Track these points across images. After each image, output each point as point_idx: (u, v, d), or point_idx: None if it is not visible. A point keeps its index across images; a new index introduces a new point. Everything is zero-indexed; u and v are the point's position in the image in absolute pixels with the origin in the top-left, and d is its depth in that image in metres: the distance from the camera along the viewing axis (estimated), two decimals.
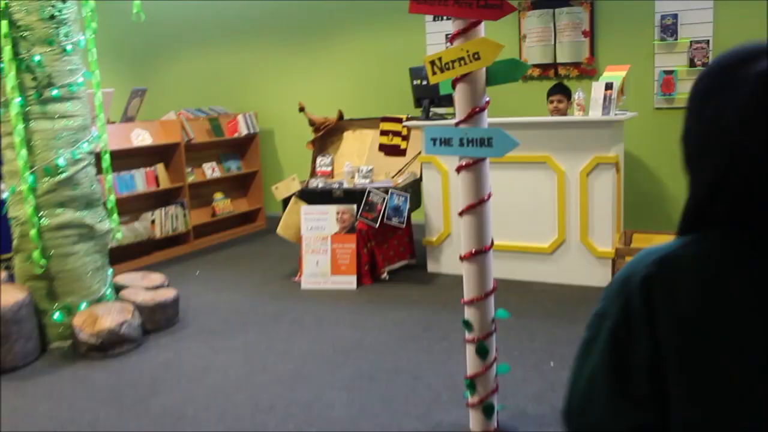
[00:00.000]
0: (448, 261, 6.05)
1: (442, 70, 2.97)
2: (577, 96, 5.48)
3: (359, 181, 6.32)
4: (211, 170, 8.29)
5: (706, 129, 1.03)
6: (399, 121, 6.54)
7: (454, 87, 2.98)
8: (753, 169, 0.96)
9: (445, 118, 6.04)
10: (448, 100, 5.83)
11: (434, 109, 6.26)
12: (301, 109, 6.92)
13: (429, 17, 7.65)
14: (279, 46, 8.84)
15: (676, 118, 6.74)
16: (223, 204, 8.39)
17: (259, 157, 8.88)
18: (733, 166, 0.98)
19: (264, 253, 7.39)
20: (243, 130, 8.56)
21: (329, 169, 6.81)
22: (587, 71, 7.00)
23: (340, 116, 6.85)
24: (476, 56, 2.86)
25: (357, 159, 6.77)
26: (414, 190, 6.14)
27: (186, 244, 7.71)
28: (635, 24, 6.79)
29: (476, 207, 3.01)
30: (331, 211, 5.97)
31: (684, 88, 6.65)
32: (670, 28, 6.58)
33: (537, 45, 7.22)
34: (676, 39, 6.58)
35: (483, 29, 2.92)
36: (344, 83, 8.49)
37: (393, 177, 6.46)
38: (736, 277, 0.99)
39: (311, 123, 6.88)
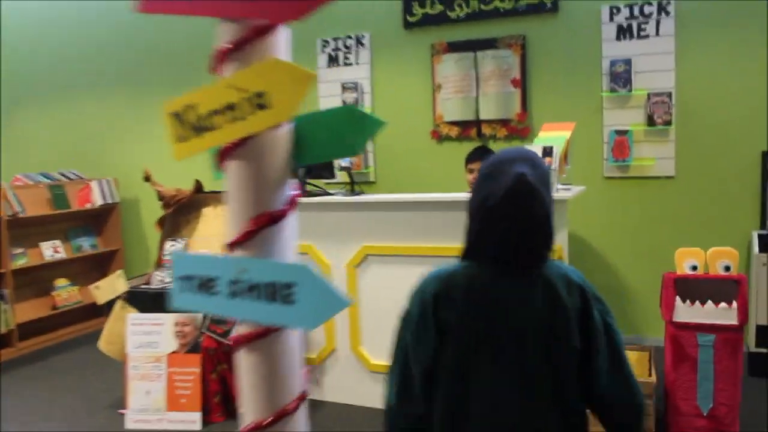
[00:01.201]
0: (334, 385, 4.46)
1: (197, 132, 1.39)
2: None
3: None
4: (52, 250, 6.57)
5: (481, 200, 1.70)
6: None
7: (221, 166, 1.40)
8: (501, 229, 1.67)
9: (329, 194, 4.46)
10: (329, 170, 4.26)
11: (314, 182, 4.66)
12: (147, 179, 5.24)
13: (322, 61, 6.13)
14: (142, 99, 7.13)
15: (631, 189, 5.33)
16: (67, 293, 6.64)
17: (120, 233, 7.19)
18: (490, 226, 1.69)
19: (106, 362, 5.58)
20: (98, 200, 6.90)
21: None
22: (518, 131, 5.56)
23: (198, 188, 5.17)
24: (261, 101, 1.29)
25: (218, 244, 5.11)
26: None
27: (8, 349, 5.97)
28: (578, 71, 5.42)
29: (274, 425, 1.39)
30: (167, 321, 4.30)
31: (641, 152, 5.24)
32: (621, 77, 5.18)
33: (455, 97, 5.75)
34: (629, 90, 5.18)
35: (281, 45, 1.36)
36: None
37: None
38: (490, 288, 1.71)
39: (160, 197, 5.21)
